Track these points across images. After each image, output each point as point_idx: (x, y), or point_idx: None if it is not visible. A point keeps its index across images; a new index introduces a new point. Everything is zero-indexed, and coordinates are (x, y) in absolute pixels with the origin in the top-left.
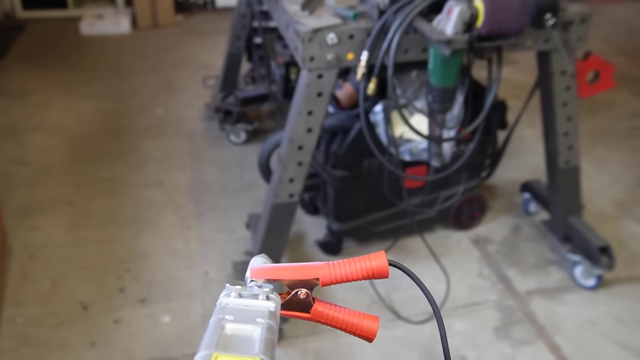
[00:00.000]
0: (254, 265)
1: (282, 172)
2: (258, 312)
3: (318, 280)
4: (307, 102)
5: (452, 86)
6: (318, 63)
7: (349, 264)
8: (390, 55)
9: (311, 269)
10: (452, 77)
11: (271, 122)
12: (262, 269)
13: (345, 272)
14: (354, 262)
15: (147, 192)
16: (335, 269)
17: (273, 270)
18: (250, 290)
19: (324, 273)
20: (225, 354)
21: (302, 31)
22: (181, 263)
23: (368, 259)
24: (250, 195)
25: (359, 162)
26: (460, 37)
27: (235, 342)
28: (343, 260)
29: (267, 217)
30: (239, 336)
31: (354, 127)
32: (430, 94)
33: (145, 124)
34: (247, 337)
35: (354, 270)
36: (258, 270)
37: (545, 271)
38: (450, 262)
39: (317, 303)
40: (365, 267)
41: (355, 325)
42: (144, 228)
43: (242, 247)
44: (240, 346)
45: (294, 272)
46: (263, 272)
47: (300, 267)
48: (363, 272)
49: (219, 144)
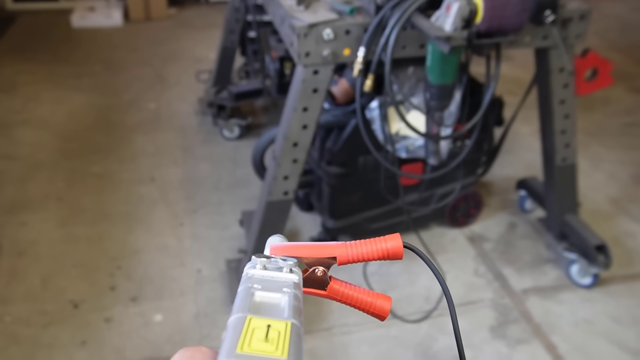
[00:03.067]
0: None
1: (277, 170)
2: (283, 282)
3: (335, 259)
4: (302, 99)
5: (451, 83)
6: (314, 59)
7: (366, 245)
8: (388, 51)
9: (329, 247)
10: (450, 74)
11: (265, 117)
12: (281, 246)
13: (362, 252)
14: (370, 243)
15: (139, 188)
16: (352, 249)
17: (292, 248)
18: (275, 263)
19: (341, 252)
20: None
21: (297, 26)
22: (173, 260)
23: (384, 241)
24: (244, 191)
25: (354, 159)
26: (459, 34)
27: (265, 308)
28: (359, 241)
29: (261, 215)
30: (267, 303)
31: (349, 123)
32: (428, 91)
33: (137, 119)
34: (275, 304)
35: (370, 251)
36: (278, 248)
37: (541, 269)
38: (446, 260)
39: (333, 281)
40: (381, 248)
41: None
42: (135, 225)
43: (235, 244)
44: (271, 311)
45: (312, 250)
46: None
47: (318, 245)
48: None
49: (211, 139)
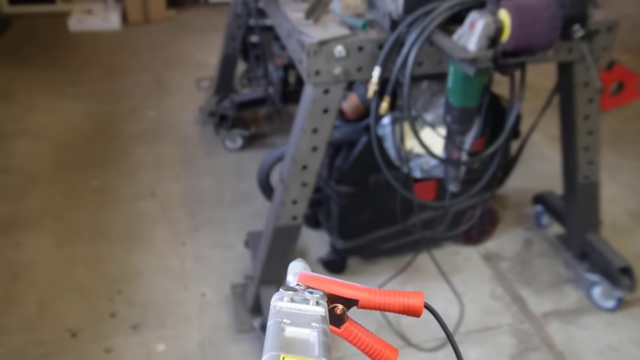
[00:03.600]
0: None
1: (285, 194)
2: (311, 316)
3: (358, 302)
4: (312, 119)
5: (474, 106)
6: (324, 77)
7: (388, 295)
8: (407, 72)
9: (354, 289)
10: (473, 97)
11: (269, 127)
12: (310, 276)
13: (384, 302)
14: (393, 295)
15: (139, 204)
16: (376, 296)
17: (319, 281)
18: (302, 295)
19: (365, 297)
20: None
21: (307, 43)
22: (176, 284)
23: (407, 296)
24: (248, 207)
25: (365, 178)
26: (485, 54)
27: (295, 345)
28: (383, 290)
29: (269, 241)
30: (298, 339)
31: (360, 140)
32: (449, 113)
33: (137, 128)
34: (305, 340)
35: (391, 302)
36: (306, 277)
37: (560, 291)
38: (460, 281)
39: (350, 322)
40: (402, 303)
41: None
42: (136, 244)
43: (240, 265)
44: (302, 348)
45: (338, 287)
46: (310, 280)
47: (344, 284)
48: (399, 306)
49: (214, 150)
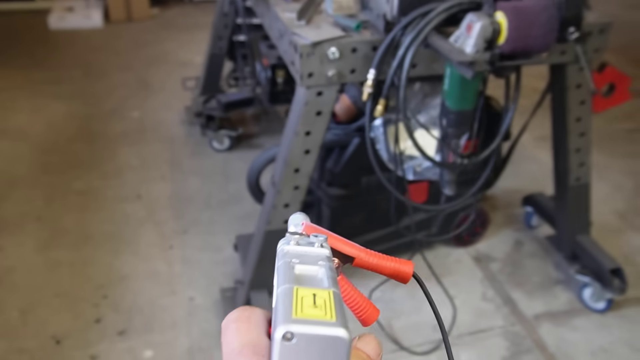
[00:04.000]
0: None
1: (276, 197)
2: (317, 256)
3: (354, 259)
4: (305, 122)
5: (470, 109)
6: (317, 79)
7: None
8: (403, 74)
9: (353, 247)
10: (470, 100)
11: (256, 127)
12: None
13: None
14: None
15: (125, 206)
16: (370, 257)
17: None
18: (307, 239)
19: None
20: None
21: (300, 44)
22: (163, 288)
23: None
24: (236, 208)
25: (357, 180)
26: (481, 56)
27: (306, 279)
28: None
29: (259, 245)
30: (307, 275)
31: (352, 142)
32: (444, 117)
33: (121, 129)
34: (314, 275)
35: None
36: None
37: (551, 292)
38: (452, 283)
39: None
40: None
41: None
42: (121, 247)
43: (229, 268)
44: (312, 282)
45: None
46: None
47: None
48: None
49: (200, 150)
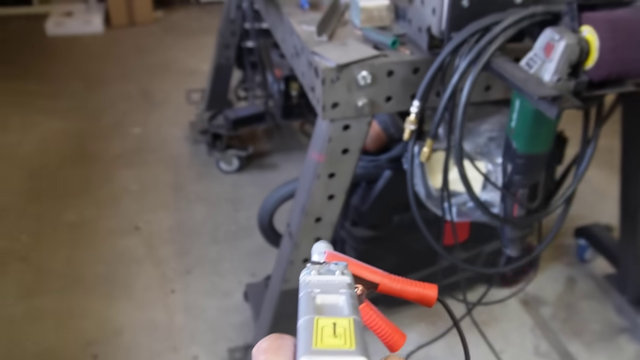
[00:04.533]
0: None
1: (294, 251)
2: (339, 284)
3: (377, 285)
4: (328, 162)
5: (545, 152)
6: (344, 111)
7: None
8: (459, 110)
9: (376, 273)
10: (546, 140)
11: (268, 144)
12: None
13: (400, 288)
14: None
15: (121, 241)
16: (394, 283)
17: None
18: (327, 268)
19: (385, 282)
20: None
21: (322, 68)
22: (163, 344)
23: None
24: (247, 242)
25: (387, 219)
26: (564, 85)
27: (327, 308)
28: (401, 278)
29: (274, 305)
30: (328, 304)
31: (381, 176)
32: (510, 161)
33: (120, 148)
34: (335, 304)
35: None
36: (333, 256)
37: (615, 344)
38: (498, 333)
39: (367, 303)
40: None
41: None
42: (116, 293)
43: (239, 318)
44: (333, 311)
45: (362, 269)
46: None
47: (367, 267)
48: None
49: (207, 172)
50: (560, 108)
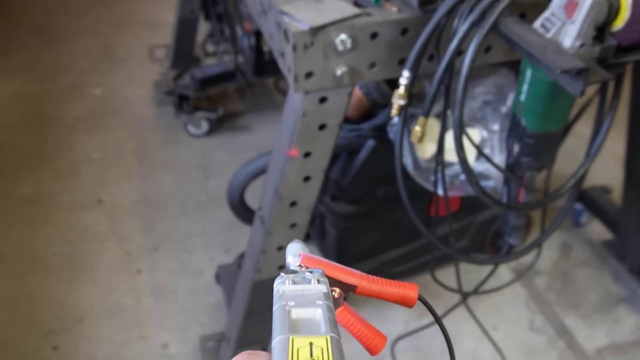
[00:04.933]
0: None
1: (266, 239)
2: (314, 295)
3: (356, 287)
4: (303, 140)
5: (559, 130)
6: (320, 81)
7: (385, 284)
8: (460, 86)
9: (354, 275)
10: (561, 117)
11: (240, 104)
12: (313, 258)
13: (380, 290)
14: (389, 284)
15: (83, 216)
16: (373, 284)
17: (321, 264)
18: (302, 276)
19: (363, 283)
20: (299, 336)
21: (293, 32)
22: (130, 331)
23: (402, 287)
24: (219, 214)
25: (370, 193)
26: (589, 52)
27: (303, 325)
28: (381, 279)
29: (247, 297)
30: (304, 319)
31: (364, 146)
32: (517, 140)
33: (79, 112)
34: (311, 318)
35: (387, 292)
36: (309, 259)
37: (614, 315)
38: (489, 306)
39: (345, 306)
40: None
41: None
42: (78, 275)
43: (211, 299)
44: (309, 328)
45: (339, 272)
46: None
47: (344, 269)
48: (394, 296)
49: (174, 137)
50: (586, 83)
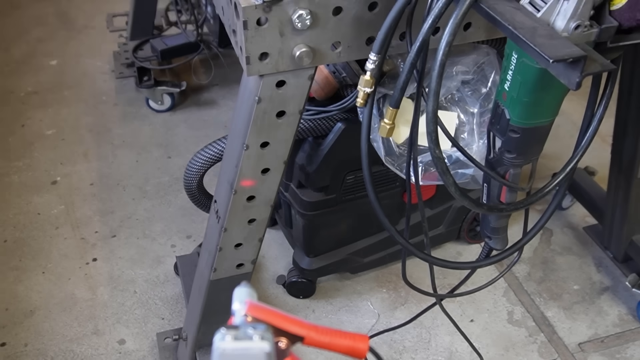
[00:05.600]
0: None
1: (222, 236)
2: (256, 355)
3: (302, 339)
4: (258, 129)
5: (548, 123)
6: (277, 63)
7: (334, 336)
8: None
9: (302, 326)
10: (549, 110)
11: (205, 77)
12: (259, 308)
13: (329, 342)
14: (338, 335)
15: (34, 198)
16: (321, 336)
17: (268, 313)
18: (245, 332)
19: (311, 335)
20: None
21: (244, 6)
22: (84, 326)
23: (352, 338)
24: (181, 197)
25: (339, 179)
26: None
27: None
28: (330, 330)
29: (204, 296)
30: None
31: (332, 130)
32: (499, 133)
33: (33, 84)
34: None
35: (336, 344)
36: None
37: (596, 307)
38: (467, 298)
39: (292, 357)
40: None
41: None
42: (27, 264)
43: (171, 291)
44: None
45: (286, 322)
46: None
47: (292, 319)
48: (343, 348)
49: (134, 112)
50: (583, 74)
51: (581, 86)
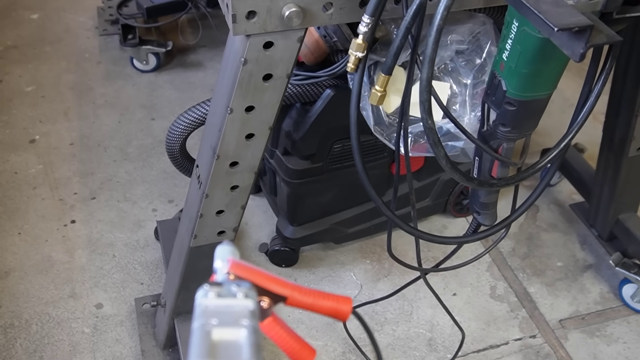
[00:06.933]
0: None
1: (204, 202)
2: (240, 312)
3: (286, 299)
4: (244, 92)
5: (546, 96)
6: (265, 23)
7: (317, 297)
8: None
9: (285, 286)
10: (549, 82)
11: (192, 37)
12: (242, 266)
13: (311, 303)
14: (322, 297)
15: (12, 157)
16: (304, 296)
17: (251, 272)
18: (228, 289)
19: (293, 296)
20: None
21: None
22: (61, 289)
23: (336, 300)
24: (164, 160)
25: (326, 148)
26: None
27: (223, 348)
28: (313, 290)
29: (184, 263)
30: (226, 341)
31: (321, 96)
32: (494, 105)
33: (12, 38)
34: (234, 341)
35: (319, 305)
36: (238, 266)
37: (579, 284)
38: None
39: (274, 317)
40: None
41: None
42: (5, 224)
43: (151, 255)
44: (230, 351)
45: (269, 281)
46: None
47: (275, 279)
48: (326, 309)
49: (118, 71)
50: (589, 45)
51: (585, 58)
